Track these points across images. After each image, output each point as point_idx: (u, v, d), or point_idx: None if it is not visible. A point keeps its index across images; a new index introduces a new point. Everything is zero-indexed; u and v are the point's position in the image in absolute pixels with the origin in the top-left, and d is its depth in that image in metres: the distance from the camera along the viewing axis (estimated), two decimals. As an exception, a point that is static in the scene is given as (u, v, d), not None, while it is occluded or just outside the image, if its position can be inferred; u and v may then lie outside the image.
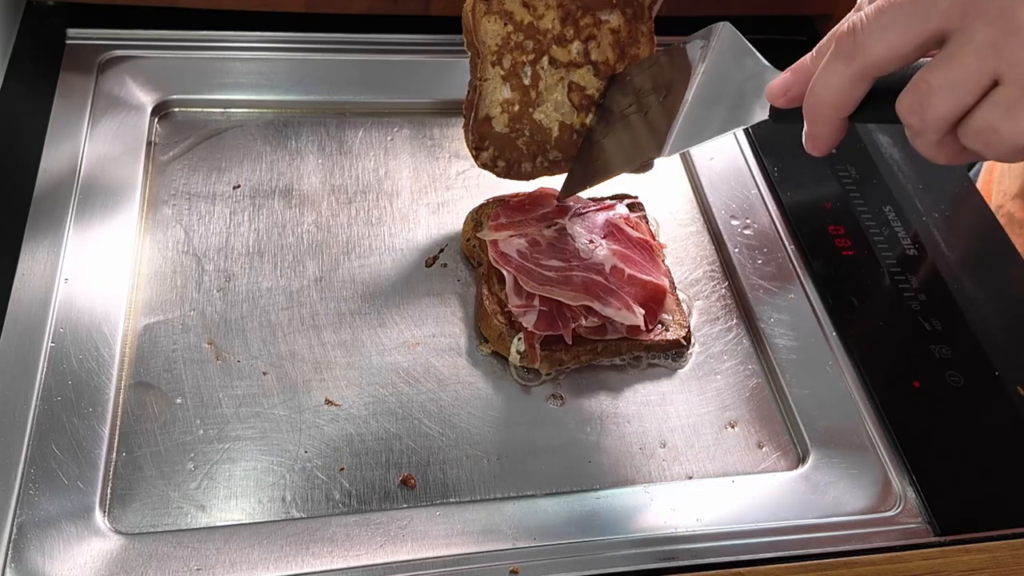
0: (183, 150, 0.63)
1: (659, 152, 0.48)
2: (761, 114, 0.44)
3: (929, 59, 0.37)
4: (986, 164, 0.83)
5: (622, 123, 0.54)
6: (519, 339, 0.52)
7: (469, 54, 0.55)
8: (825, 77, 0.39)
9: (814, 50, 0.41)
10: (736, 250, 0.61)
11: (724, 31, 0.50)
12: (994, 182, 0.79)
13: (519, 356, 0.52)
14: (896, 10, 0.36)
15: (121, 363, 0.51)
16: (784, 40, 0.77)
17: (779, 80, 0.43)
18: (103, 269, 0.54)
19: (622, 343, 0.54)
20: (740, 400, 0.54)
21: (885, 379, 0.55)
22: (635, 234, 0.57)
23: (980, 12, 0.35)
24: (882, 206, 0.64)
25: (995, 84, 0.35)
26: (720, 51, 0.49)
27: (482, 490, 0.49)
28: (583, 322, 0.53)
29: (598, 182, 0.54)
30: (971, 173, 0.84)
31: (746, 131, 0.69)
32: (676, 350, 0.55)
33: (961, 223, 0.64)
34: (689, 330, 0.56)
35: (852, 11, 0.39)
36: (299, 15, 0.70)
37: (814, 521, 0.49)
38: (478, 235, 0.57)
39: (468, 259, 0.59)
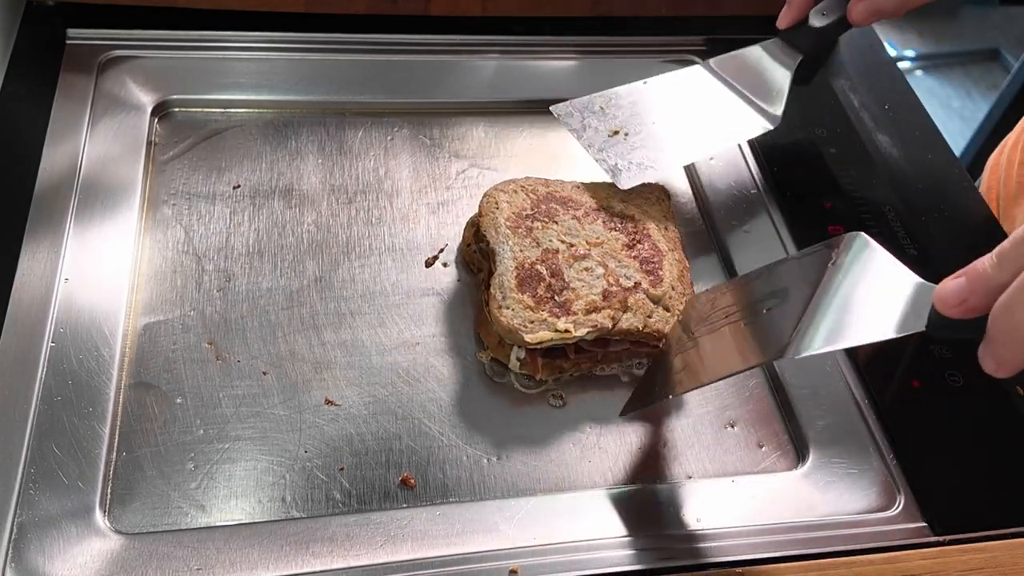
0: (183, 150, 0.63)
1: (785, 353, 0.42)
2: (916, 324, 0.39)
3: None
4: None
5: (717, 332, 0.48)
6: (519, 347, 0.52)
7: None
8: None
9: (994, 256, 0.36)
10: (736, 250, 0.61)
11: (857, 240, 0.45)
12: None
13: (519, 363, 0.52)
14: None
15: (121, 363, 0.51)
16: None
17: (953, 286, 0.37)
18: (103, 269, 0.54)
19: (623, 351, 0.54)
20: (740, 400, 0.54)
21: (884, 379, 0.55)
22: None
23: None
24: (882, 206, 0.64)
25: None
26: (856, 259, 0.44)
27: (482, 490, 0.49)
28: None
29: (688, 389, 0.49)
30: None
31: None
32: None
33: (961, 223, 0.64)
34: None
35: None
36: (299, 15, 0.70)
37: (813, 521, 0.49)
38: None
39: (468, 265, 0.59)
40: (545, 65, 0.73)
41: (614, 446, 0.51)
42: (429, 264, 0.59)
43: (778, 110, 0.58)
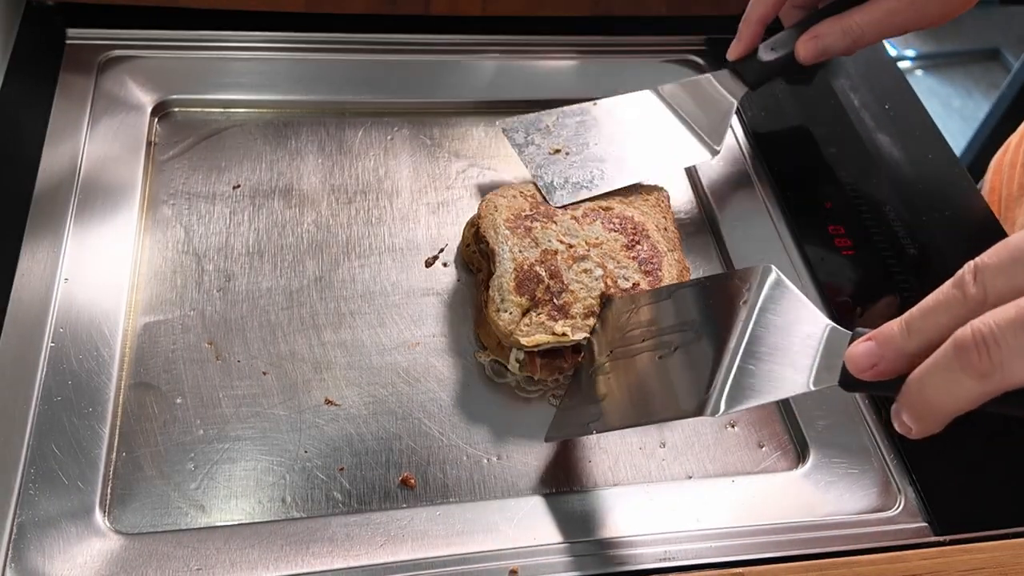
0: (183, 150, 0.63)
1: (704, 411, 0.41)
2: (829, 379, 0.39)
3: None
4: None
5: (633, 360, 0.47)
6: (518, 349, 0.52)
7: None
8: (945, 386, 0.33)
9: (904, 323, 0.36)
10: (736, 250, 0.61)
11: (769, 276, 0.44)
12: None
13: (518, 365, 0.52)
14: None
15: (121, 363, 0.51)
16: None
17: (863, 351, 0.37)
18: (103, 269, 0.54)
19: None
20: (740, 400, 0.54)
21: (885, 379, 0.55)
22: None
23: None
24: (882, 206, 0.64)
25: None
26: (768, 298, 0.43)
27: (482, 490, 0.49)
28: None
29: (611, 429, 0.47)
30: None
31: (746, 130, 0.69)
32: None
33: (961, 223, 0.64)
34: None
35: (953, 289, 0.34)
36: (299, 15, 0.70)
37: (814, 520, 0.49)
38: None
39: (468, 265, 0.59)
40: (545, 65, 0.73)
41: (614, 446, 0.51)
42: (429, 264, 0.59)
43: (718, 140, 0.60)
